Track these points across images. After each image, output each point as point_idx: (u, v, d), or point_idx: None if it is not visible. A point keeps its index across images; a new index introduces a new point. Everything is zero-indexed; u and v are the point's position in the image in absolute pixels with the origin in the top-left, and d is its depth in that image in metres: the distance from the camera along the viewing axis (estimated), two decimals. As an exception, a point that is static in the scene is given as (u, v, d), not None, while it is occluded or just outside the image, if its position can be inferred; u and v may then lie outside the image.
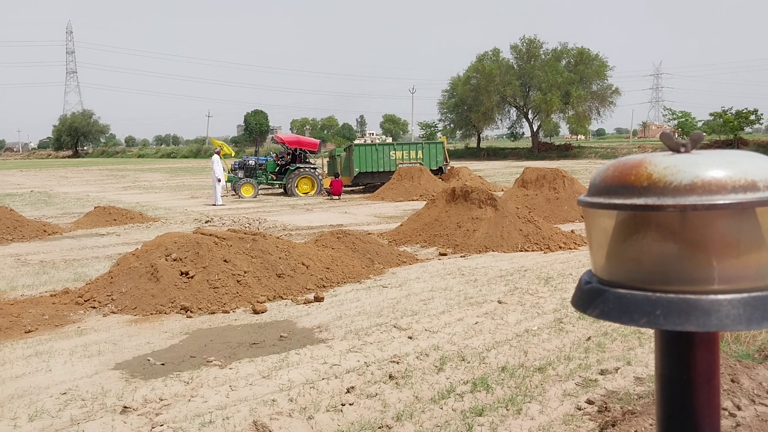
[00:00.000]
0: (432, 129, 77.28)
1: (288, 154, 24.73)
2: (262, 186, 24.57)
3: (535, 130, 62.35)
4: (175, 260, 7.83)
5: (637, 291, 0.66)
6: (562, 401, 4.61)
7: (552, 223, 12.86)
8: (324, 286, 8.24)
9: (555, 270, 9.11)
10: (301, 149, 24.47)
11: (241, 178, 23.54)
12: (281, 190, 24.58)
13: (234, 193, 23.25)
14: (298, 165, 23.98)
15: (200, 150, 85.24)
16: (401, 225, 12.83)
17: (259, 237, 8.69)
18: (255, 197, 22.96)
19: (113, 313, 7.23)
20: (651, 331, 0.78)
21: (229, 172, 23.62)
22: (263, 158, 25.57)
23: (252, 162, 24.76)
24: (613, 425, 4.01)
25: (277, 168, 24.54)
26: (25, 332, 6.54)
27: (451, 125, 68.54)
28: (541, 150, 60.06)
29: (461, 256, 10.40)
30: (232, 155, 28.05)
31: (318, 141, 26.09)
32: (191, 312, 7.13)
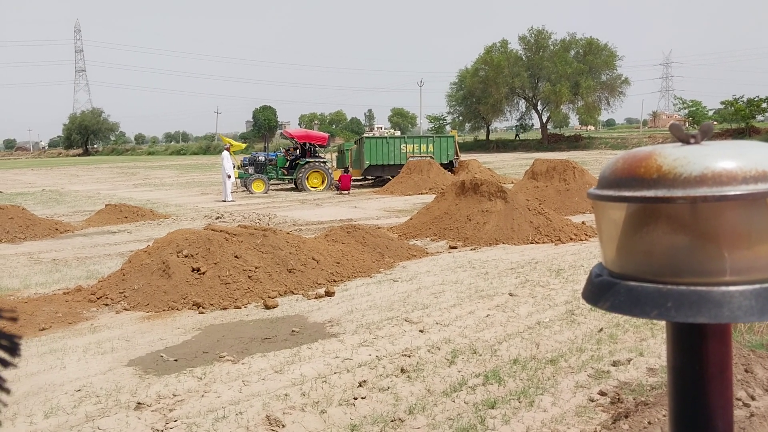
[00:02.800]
0: (440, 122, 77.12)
1: (296, 148, 24.76)
2: (272, 181, 24.62)
3: (544, 122, 62.12)
4: (186, 257, 7.87)
5: (648, 283, 0.66)
6: (575, 393, 4.60)
7: (562, 214, 12.82)
8: (334, 281, 8.25)
9: (566, 262, 9.09)
10: (310, 143, 24.49)
11: (251, 174, 23.57)
12: (291, 185, 24.62)
13: (245, 189, 23.30)
14: (308, 159, 24.00)
15: (210, 146, 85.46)
16: (411, 219, 12.83)
17: (269, 232, 8.71)
18: (266, 193, 22.99)
19: (126, 310, 7.28)
20: (663, 322, 0.78)
21: (239, 168, 23.67)
22: (273, 154, 25.61)
23: (262, 158, 24.78)
24: (626, 416, 4.00)
25: (287, 163, 24.57)
26: (39, 330, 6.60)
27: (460, 118, 68.35)
28: (550, 141, 59.83)
29: (471, 249, 10.39)
30: (242, 147, 28.13)
31: (327, 135, 26.09)
32: (203, 308, 7.17)
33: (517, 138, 68.37)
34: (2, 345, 0.51)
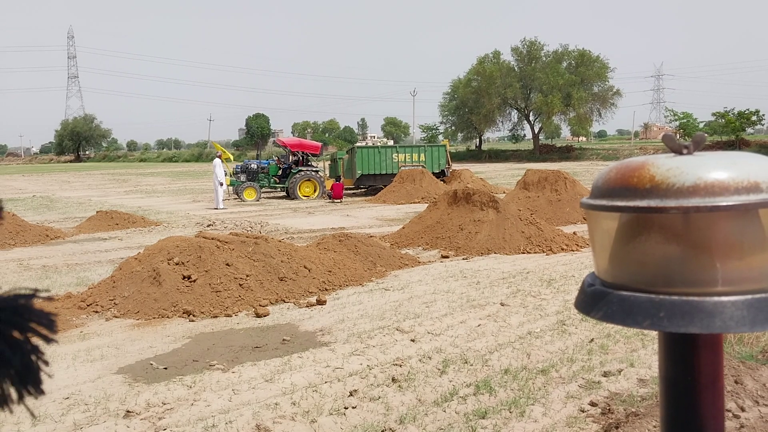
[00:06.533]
0: (433, 131, 77.34)
1: (290, 156, 24.75)
2: (264, 189, 24.60)
3: (536, 132, 62.37)
4: (177, 264, 7.83)
5: (641, 293, 0.66)
6: (566, 403, 4.60)
7: (554, 225, 12.85)
8: (326, 290, 8.23)
9: (557, 272, 9.11)
10: (303, 152, 24.51)
11: (243, 182, 23.57)
12: (283, 194, 24.61)
13: (236, 196, 23.28)
14: (300, 168, 24.01)
15: (202, 154, 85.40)
16: (403, 228, 12.82)
17: (261, 240, 8.69)
18: (257, 201, 22.98)
19: (116, 317, 7.23)
20: (654, 333, 0.78)
21: (231, 176, 23.66)
22: (265, 162, 25.64)
23: (254, 165, 24.81)
24: (617, 427, 4.00)
25: (280, 171, 24.58)
26: (28, 337, 6.54)
27: (452, 128, 68.58)
28: (542, 152, 60.06)
29: (463, 259, 10.39)
30: (231, 159, 28.11)
31: (320, 144, 26.14)
32: (194, 316, 7.13)
33: (478, 148, 68.74)
34: (42, 322, 0.53)
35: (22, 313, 0.54)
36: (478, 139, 69.77)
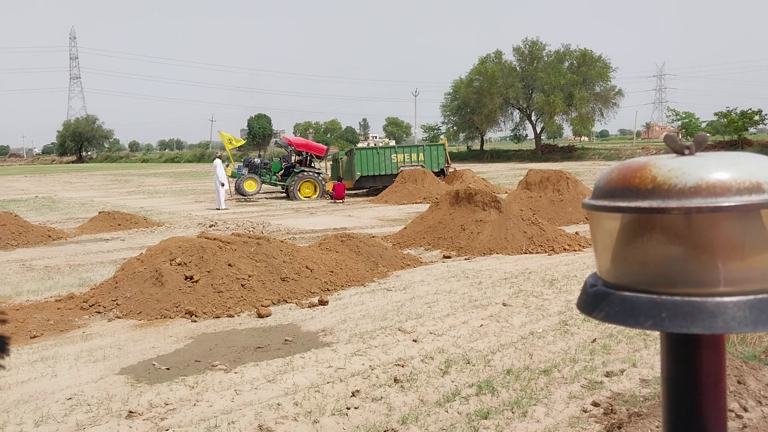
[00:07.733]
0: (435, 131, 77.31)
1: (295, 155, 24.78)
2: (265, 185, 24.81)
3: (538, 132, 62.31)
4: (179, 265, 7.84)
5: (643, 294, 0.66)
6: (568, 404, 4.60)
7: (556, 225, 12.85)
8: (328, 290, 8.24)
9: (559, 272, 9.10)
10: (307, 153, 24.59)
11: (244, 174, 23.83)
12: (283, 194, 24.67)
13: (237, 191, 23.64)
14: (302, 168, 24.06)
15: (204, 154, 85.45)
16: (405, 228, 12.82)
17: (263, 241, 8.69)
18: (257, 192, 23.38)
19: (118, 317, 7.24)
20: (656, 333, 0.78)
21: (233, 164, 24.12)
22: (268, 161, 25.86)
23: (257, 160, 25.08)
24: (619, 427, 3.99)
25: (282, 169, 24.65)
26: (31, 337, 6.55)
27: (454, 128, 68.53)
28: (544, 152, 60.01)
29: (465, 259, 10.39)
30: (243, 142, 28.40)
31: (325, 147, 26.20)
32: (196, 316, 7.14)
33: (480, 148, 68.43)
34: None
35: None
36: (479, 139, 69.72)
